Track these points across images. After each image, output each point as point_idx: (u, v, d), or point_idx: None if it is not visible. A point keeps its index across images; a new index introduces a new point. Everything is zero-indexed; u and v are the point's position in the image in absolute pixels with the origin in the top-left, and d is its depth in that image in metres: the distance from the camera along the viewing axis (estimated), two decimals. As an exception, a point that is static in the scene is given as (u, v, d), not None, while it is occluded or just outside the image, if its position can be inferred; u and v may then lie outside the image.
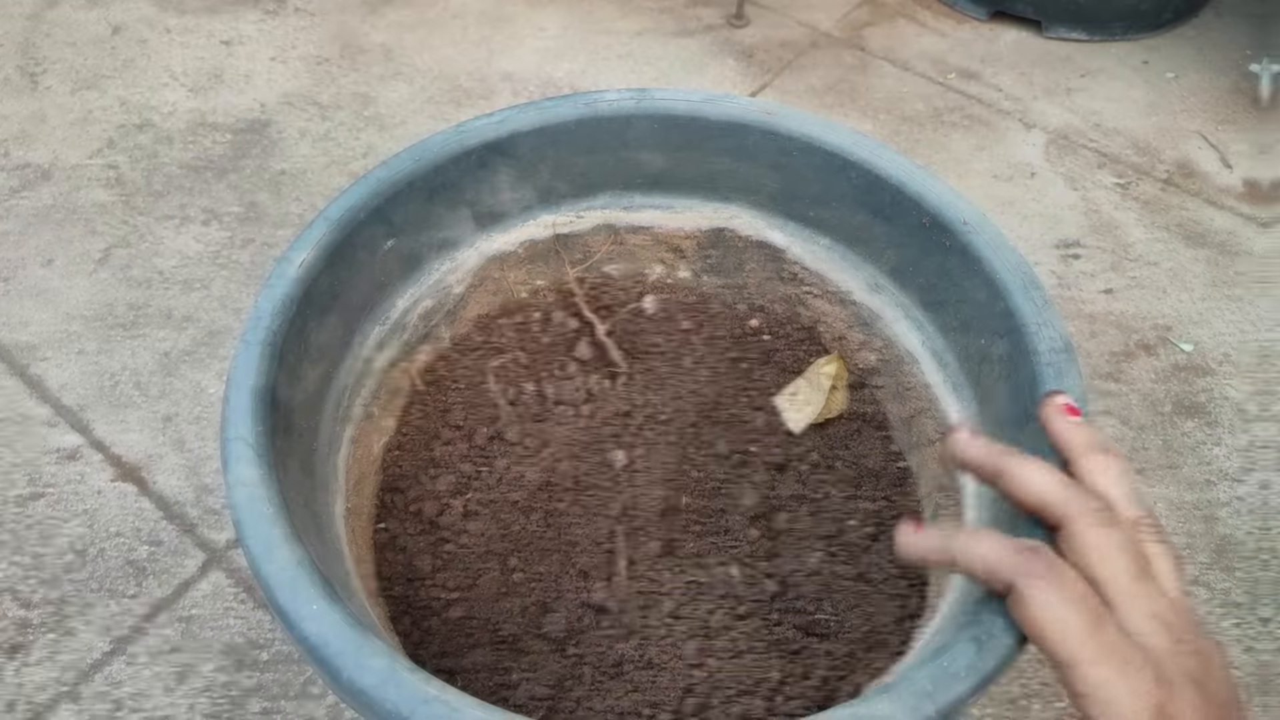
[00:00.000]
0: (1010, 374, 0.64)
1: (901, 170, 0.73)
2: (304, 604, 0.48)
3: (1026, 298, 0.64)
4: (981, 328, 0.69)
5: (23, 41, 1.84)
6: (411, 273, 0.78)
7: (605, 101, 0.77)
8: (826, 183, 0.78)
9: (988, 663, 0.47)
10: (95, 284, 1.40)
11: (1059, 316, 0.63)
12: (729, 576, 0.73)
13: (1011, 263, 0.66)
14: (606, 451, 0.80)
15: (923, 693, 0.46)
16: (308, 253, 0.65)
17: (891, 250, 0.77)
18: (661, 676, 0.67)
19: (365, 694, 0.45)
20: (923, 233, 0.72)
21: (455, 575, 0.72)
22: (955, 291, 0.71)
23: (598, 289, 0.89)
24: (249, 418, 0.56)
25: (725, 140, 0.79)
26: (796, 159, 0.78)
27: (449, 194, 0.76)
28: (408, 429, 0.80)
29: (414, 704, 0.44)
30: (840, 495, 0.79)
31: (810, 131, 0.76)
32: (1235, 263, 1.53)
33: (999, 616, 0.48)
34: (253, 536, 0.51)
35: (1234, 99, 1.89)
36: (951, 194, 0.71)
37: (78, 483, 1.17)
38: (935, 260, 0.72)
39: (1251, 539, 1.18)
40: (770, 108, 0.77)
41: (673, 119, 0.78)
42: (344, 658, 0.46)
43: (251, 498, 0.52)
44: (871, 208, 0.76)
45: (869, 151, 0.75)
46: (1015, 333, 0.63)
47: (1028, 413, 0.60)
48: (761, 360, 0.87)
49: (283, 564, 0.49)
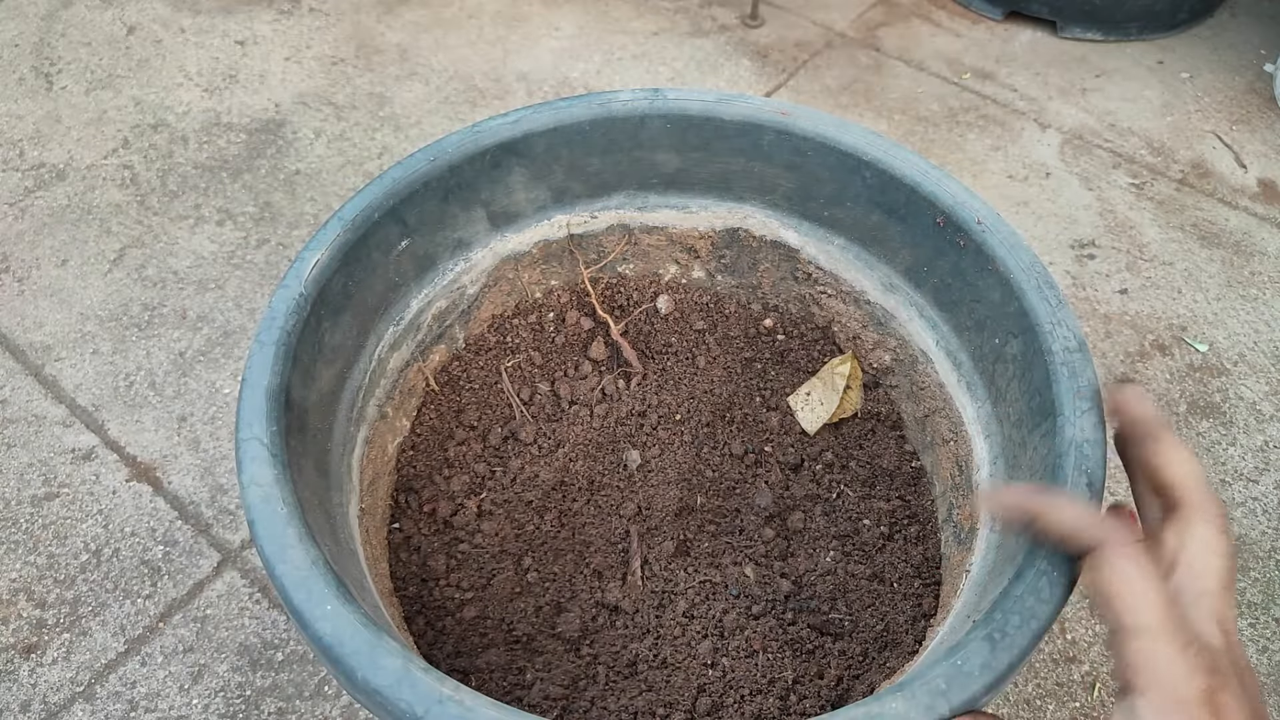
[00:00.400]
0: (1024, 373, 0.64)
1: (915, 170, 0.73)
2: (318, 604, 0.48)
3: (1040, 297, 0.64)
4: (996, 327, 0.68)
5: (38, 42, 1.85)
6: (426, 273, 0.78)
7: (619, 102, 0.77)
8: (841, 183, 0.77)
9: (1002, 661, 0.47)
10: (110, 284, 1.40)
11: (1073, 316, 0.62)
12: (743, 576, 0.73)
13: (1025, 262, 0.66)
14: (621, 452, 0.81)
15: (937, 691, 0.46)
16: (322, 253, 0.65)
17: (906, 250, 0.77)
18: (675, 676, 0.67)
19: (380, 694, 0.45)
20: (937, 232, 0.72)
21: (469, 575, 0.72)
22: (969, 291, 0.71)
23: (612, 289, 0.89)
24: (263, 418, 0.56)
25: (740, 140, 0.79)
26: (811, 159, 0.77)
27: (464, 194, 0.76)
28: (422, 429, 0.80)
29: (428, 703, 0.44)
30: (854, 495, 0.79)
31: (825, 131, 0.76)
32: (1250, 263, 1.52)
33: (1012, 614, 0.48)
34: (267, 537, 0.51)
35: (1249, 99, 1.88)
36: (965, 193, 0.71)
37: (93, 483, 1.17)
38: (949, 260, 0.72)
39: (1266, 539, 1.17)
40: (784, 107, 0.77)
41: (687, 119, 0.78)
42: (358, 658, 0.46)
43: (266, 498, 0.52)
44: (886, 207, 0.76)
45: (883, 151, 0.74)
46: (1029, 332, 0.63)
47: (1042, 412, 0.60)
48: (776, 360, 0.87)
49: (297, 564, 0.50)
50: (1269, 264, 1.52)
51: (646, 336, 0.88)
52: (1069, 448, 0.56)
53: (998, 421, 0.69)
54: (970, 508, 0.70)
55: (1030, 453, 0.61)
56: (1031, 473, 0.60)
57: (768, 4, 2.06)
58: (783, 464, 0.81)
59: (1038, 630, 0.48)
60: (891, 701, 0.45)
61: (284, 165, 1.61)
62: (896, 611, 0.71)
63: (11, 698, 0.99)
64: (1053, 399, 0.59)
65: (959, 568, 0.67)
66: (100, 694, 0.99)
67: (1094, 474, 0.54)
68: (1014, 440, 0.65)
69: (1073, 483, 0.54)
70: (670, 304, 0.89)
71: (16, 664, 1.01)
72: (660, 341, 0.88)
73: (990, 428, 0.70)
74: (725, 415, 0.84)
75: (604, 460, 0.80)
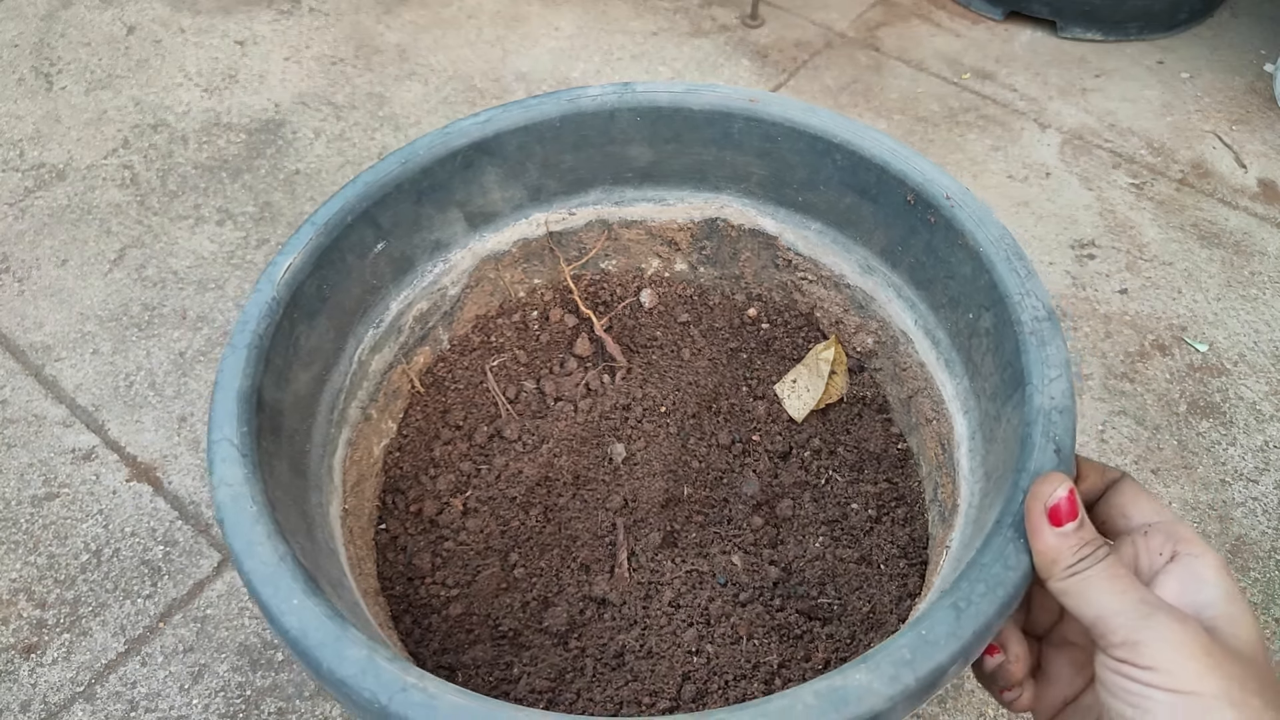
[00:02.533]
0: (997, 346, 0.64)
1: (884, 149, 0.73)
2: (285, 599, 0.49)
3: (1010, 269, 0.64)
4: (969, 302, 0.68)
5: (37, 42, 1.86)
6: (404, 275, 0.78)
7: (588, 97, 0.78)
8: (812, 167, 0.78)
9: (966, 629, 0.47)
10: (110, 284, 1.40)
11: (1042, 286, 0.62)
12: (731, 565, 0.73)
13: (994, 235, 0.66)
14: (606, 445, 0.81)
15: (901, 661, 0.45)
16: (294, 257, 0.66)
17: (880, 231, 0.77)
18: (661, 665, 0.68)
19: (345, 684, 0.46)
20: (908, 211, 0.72)
21: (454, 573, 0.73)
22: (943, 268, 0.71)
23: (595, 285, 0.90)
24: (234, 419, 0.57)
25: (710, 130, 0.79)
26: (781, 144, 0.78)
27: (438, 195, 0.77)
28: (408, 430, 0.81)
29: (391, 691, 0.45)
30: (843, 480, 0.79)
31: (792, 116, 0.76)
32: (1250, 263, 1.52)
33: (978, 583, 0.48)
34: (235, 534, 0.52)
35: (1249, 99, 1.88)
36: (934, 170, 0.71)
37: (93, 483, 1.17)
38: (922, 238, 0.72)
39: (1266, 539, 1.17)
40: (752, 94, 0.77)
41: (657, 111, 0.79)
42: (323, 649, 0.47)
43: (235, 496, 0.53)
44: (858, 189, 0.76)
45: (851, 133, 0.74)
46: (999, 304, 0.63)
47: (1013, 383, 0.60)
48: (761, 349, 0.87)
49: (264, 560, 0.50)
50: (1269, 264, 1.52)
51: (631, 331, 0.88)
52: (1037, 415, 0.55)
53: (975, 397, 0.69)
54: (952, 486, 0.70)
55: (1004, 425, 0.61)
56: (1005, 444, 0.60)
57: (767, 4, 2.06)
58: (771, 452, 0.81)
59: (1005, 598, 0.48)
60: (855, 673, 0.45)
61: (284, 165, 1.61)
62: (883, 593, 0.71)
63: (11, 698, 0.99)
64: (1022, 369, 0.59)
65: (942, 545, 0.67)
66: (100, 694, 1.00)
67: (1062, 441, 0.54)
68: (989, 414, 0.65)
69: (1040, 449, 0.53)
70: (654, 298, 0.89)
71: (16, 664, 1.01)
72: (645, 335, 0.88)
73: (968, 404, 0.70)
74: (712, 406, 0.84)
75: (589, 455, 0.80)
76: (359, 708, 0.46)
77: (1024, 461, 0.54)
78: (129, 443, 1.21)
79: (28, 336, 1.33)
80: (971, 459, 0.67)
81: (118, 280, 1.41)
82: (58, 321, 1.35)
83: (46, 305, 1.37)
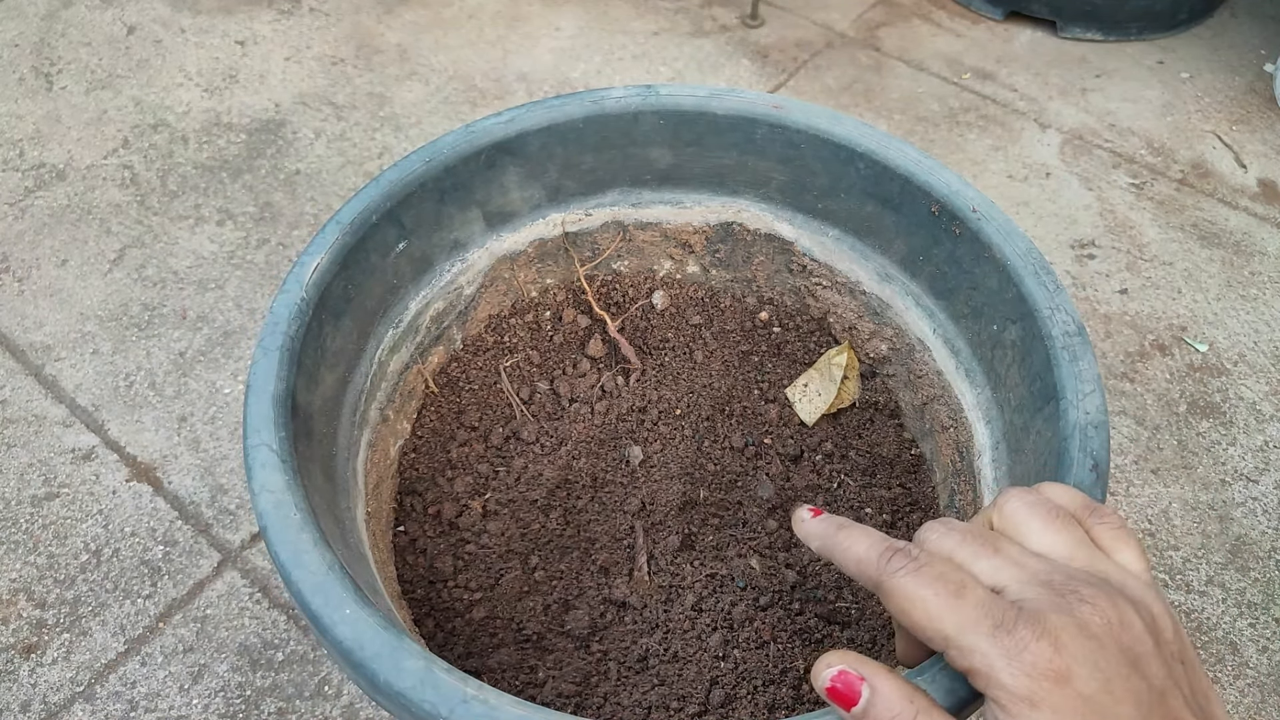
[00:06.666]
0: (1024, 358, 0.65)
1: (909, 160, 0.73)
2: (336, 609, 0.48)
3: (1038, 283, 0.64)
4: (993, 314, 0.69)
5: (38, 41, 1.85)
6: (423, 274, 0.78)
7: (612, 99, 0.77)
8: (834, 174, 0.78)
9: None
10: (110, 284, 1.40)
11: (1070, 301, 0.63)
12: (749, 568, 0.74)
13: (1022, 249, 0.66)
14: (623, 448, 0.81)
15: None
16: (321, 257, 0.65)
17: (901, 240, 0.77)
18: (688, 669, 0.68)
19: (403, 696, 0.45)
20: (932, 221, 0.73)
21: (477, 576, 0.73)
22: (966, 279, 0.72)
23: (608, 286, 0.90)
24: (271, 424, 0.56)
25: (733, 135, 0.79)
26: (804, 151, 0.78)
27: (460, 194, 0.76)
28: (423, 431, 0.80)
29: (453, 704, 0.44)
30: (855, 484, 0.80)
31: (817, 124, 0.76)
32: (1250, 263, 1.53)
33: None
34: (281, 543, 0.50)
35: (1249, 99, 1.89)
36: (959, 182, 0.71)
37: (93, 483, 1.17)
38: (945, 248, 0.73)
39: (1266, 539, 1.17)
40: (778, 101, 0.77)
41: (680, 114, 0.78)
42: (380, 660, 0.46)
43: (278, 504, 0.52)
44: (880, 198, 0.76)
45: (876, 142, 0.75)
46: (1028, 318, 0.64)
47: (1044, 396, 0.61)
48: (772, 353, 0.88)
49: (313, 569, 0.49)
50: (1269, 264, 1.52)
51: (643, 333, 0.88)
52: (1074, 431, 0.56)
53: (998, 407, 0.69)
54: (972, 494, 0.70)
55: (1034, 437, 0.62)
56: (1036, 456, 0.61)
57: (768, 4, 2.06)
58: (783, 455, 0.81)
59: None
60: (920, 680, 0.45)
61: (284, 165, 1.61)
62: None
63: (11, 698, 0.98)
64: (1055, 383, 0.59)
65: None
66: (100, 694, 0.99)
67: (1099, 456, 0.55)
68: (1015, 425, 0.66)
69: (1079, 465, 0.54)
70: (666, 300, 0.89)
71: (16, 664, 1.01)
72: (657, 337, 0.88)
73: (990, 413, 0.70)
74: (724, 409, 0.84)
75: (606, 457, 0.80)
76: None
77: (1061, 476, 0.54)
78: (129, 443, 1.21)
79: (28, 336, 1.33)
80: (996, 468, 0.68)
81: (118, 280, 1.40)
82: (58, 321, 1.35)
83: (46, 305, 1.37)
